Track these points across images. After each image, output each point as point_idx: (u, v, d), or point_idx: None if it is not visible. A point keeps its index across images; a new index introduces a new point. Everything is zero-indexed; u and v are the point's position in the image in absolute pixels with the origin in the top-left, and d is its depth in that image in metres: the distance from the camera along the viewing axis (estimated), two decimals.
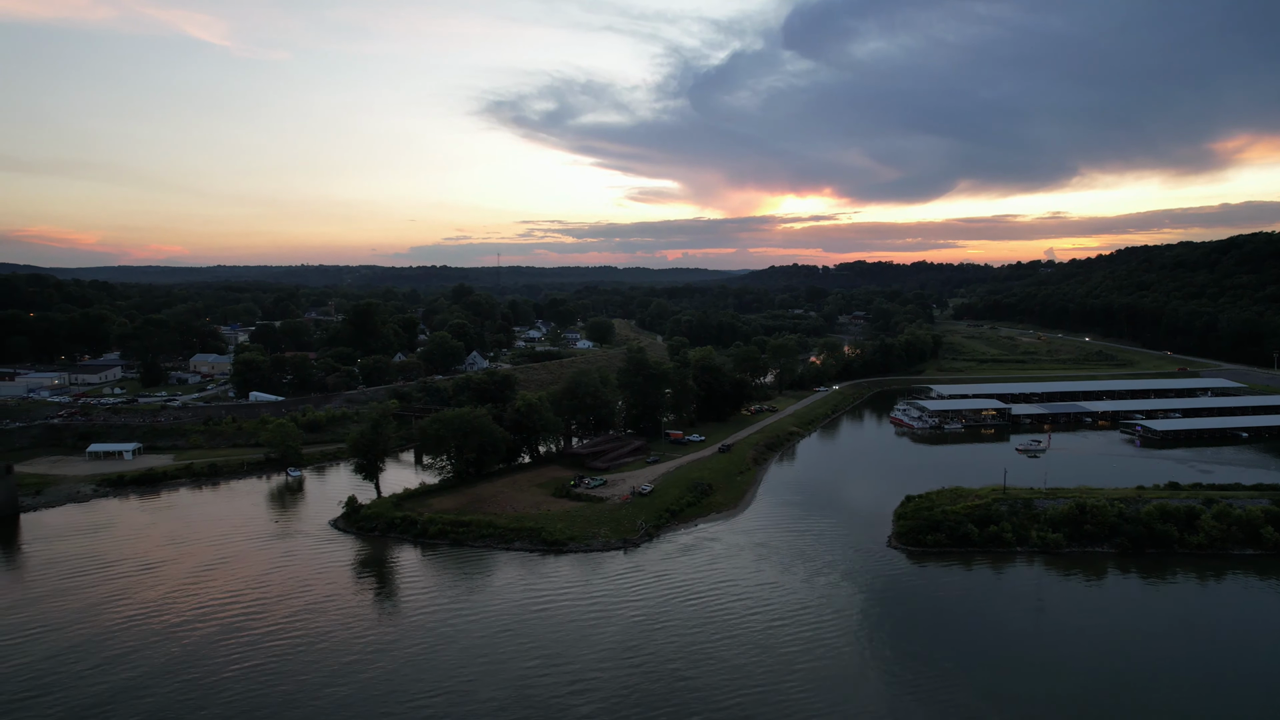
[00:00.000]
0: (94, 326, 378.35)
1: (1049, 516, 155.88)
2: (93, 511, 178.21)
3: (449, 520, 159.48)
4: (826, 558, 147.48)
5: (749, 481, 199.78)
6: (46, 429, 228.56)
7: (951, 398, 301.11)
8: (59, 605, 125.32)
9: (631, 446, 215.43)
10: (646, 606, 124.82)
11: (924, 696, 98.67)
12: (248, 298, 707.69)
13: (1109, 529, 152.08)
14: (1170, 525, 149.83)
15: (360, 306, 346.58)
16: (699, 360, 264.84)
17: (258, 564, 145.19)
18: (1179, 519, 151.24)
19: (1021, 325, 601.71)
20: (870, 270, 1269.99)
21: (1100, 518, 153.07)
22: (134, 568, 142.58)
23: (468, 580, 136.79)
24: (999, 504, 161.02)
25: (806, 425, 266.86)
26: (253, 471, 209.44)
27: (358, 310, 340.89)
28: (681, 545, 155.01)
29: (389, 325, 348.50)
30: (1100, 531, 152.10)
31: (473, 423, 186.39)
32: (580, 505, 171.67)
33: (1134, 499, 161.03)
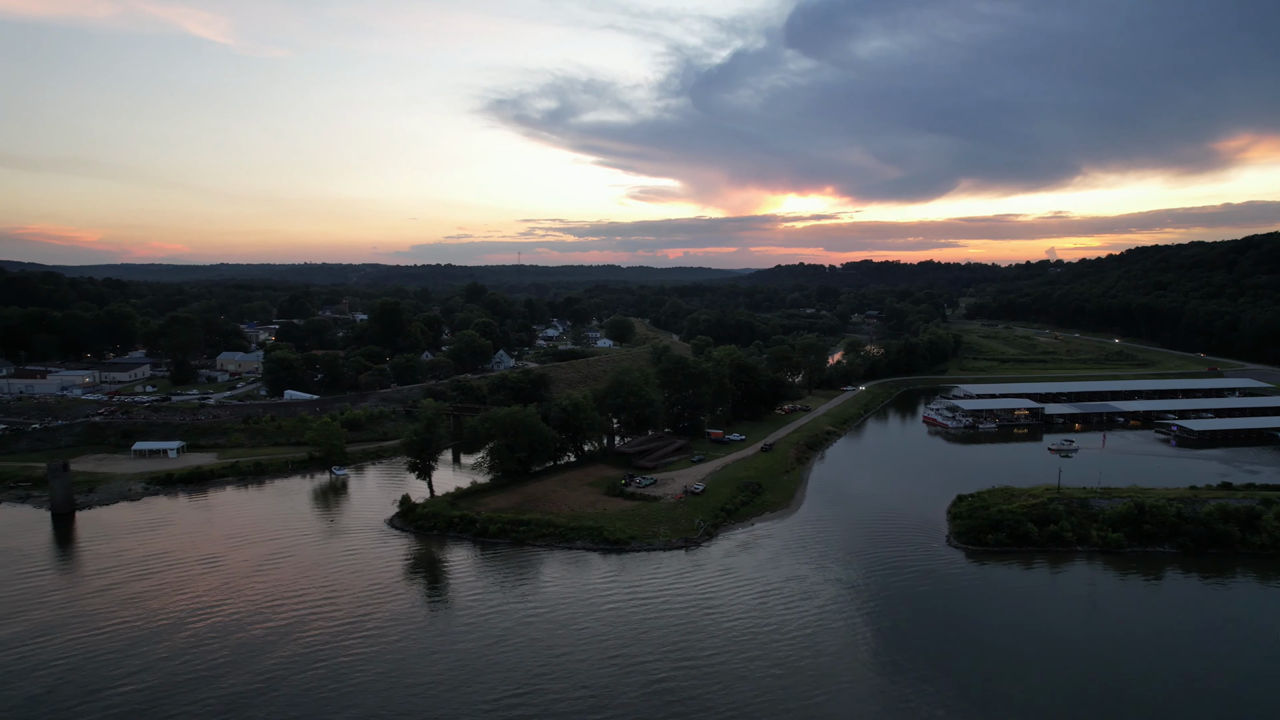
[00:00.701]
0: (118, 324, 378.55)
1: (1107, 516, 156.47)
2: (147, 509, 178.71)
3: (507, 519, 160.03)
4: (889, 557, 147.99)
5: (795, 481, 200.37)
6: (88, 427, 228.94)
7: (981, 397, 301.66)
8: (142, 596, 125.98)
9: (675, 445, 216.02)
10: (741, 602, 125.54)
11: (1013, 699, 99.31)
12: (259, 295, 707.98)
13: (1169, 529, 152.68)
14: (1232, 525, 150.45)
15: (387, 305, 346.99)
16: (734, 360, 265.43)
17: (322, 561, 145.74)
18: (1240, 519, 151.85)
19: (1037, 325, 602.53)
20: (877, 269, 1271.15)
21: (1160, 517, 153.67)
22: (198, 562, 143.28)
23: (548, 578, 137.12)
24: (1054, 503, 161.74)
25: (841, 425, 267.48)
26: (297, 470, 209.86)
27: (384, 309, 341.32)
28: (740, 544, 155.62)
29: (414, 324, 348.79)
30: (1160, 531, 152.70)
31: (523, 421, 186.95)
32: (635, 504, 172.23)
33: (1191, 499, 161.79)
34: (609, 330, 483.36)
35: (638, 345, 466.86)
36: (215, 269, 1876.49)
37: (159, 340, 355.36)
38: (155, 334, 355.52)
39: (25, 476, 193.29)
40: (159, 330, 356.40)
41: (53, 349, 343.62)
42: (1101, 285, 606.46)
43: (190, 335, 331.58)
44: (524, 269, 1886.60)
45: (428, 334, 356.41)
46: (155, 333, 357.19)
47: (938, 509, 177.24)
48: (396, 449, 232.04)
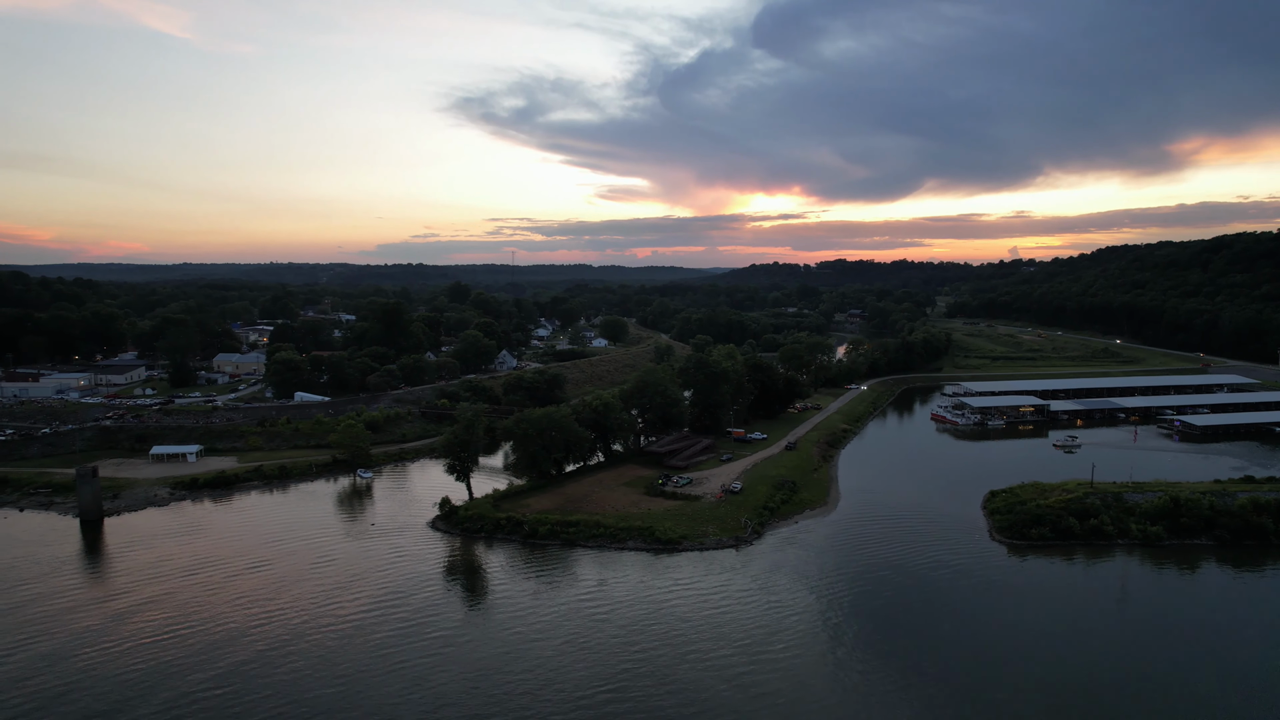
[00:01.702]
0: (106, 325, 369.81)
1: (1144, 510, 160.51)
2: (177, 515, 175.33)
3: (555, 520, 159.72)
4: (938, 553, 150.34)
5: (826, 479, 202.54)
6: (100, 431, 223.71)
7: (986, 394, 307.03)
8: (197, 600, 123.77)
9: (703, 445, 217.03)
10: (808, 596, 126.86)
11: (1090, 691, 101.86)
12: (235, 296, 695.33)
13: (1205, 522, 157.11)
14: (1265, 518, 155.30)
15: (388, 306, 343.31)
16: (750, 359, 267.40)
17: (371, 563, 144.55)
18: (1272, 511, 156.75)
19: (1018, 323, 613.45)
20: (851, 268, 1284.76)
21: (1195, 511, 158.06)
22: (246, 567, 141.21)
23: (609, 579, 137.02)
24: (1090, 498, 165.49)
25: (854, 422, 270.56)
26: (321, 473, 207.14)
27: (386, 310, 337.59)
28: (788, 542, 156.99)
29: (415, 324, 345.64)
30: (1196, 525, 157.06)
31: (559, 422, 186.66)
32: (677, 504, 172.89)
33: (1220, 492, 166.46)
34: (603, 330, 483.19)
35: (632, 345, 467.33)
36: (179, 269, 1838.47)
37: (152, 342, 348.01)
38: (148, 335, 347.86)
39: (44, 483, 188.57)
40: (151, 331, 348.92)
41: (40, 351, 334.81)
42: (1080, 284, 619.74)
43: (188, 336, 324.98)
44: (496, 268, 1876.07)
45: (429, 335, 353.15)
46: (148, 334, 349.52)
47: (969, 504, 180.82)
48: (419, 451, 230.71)
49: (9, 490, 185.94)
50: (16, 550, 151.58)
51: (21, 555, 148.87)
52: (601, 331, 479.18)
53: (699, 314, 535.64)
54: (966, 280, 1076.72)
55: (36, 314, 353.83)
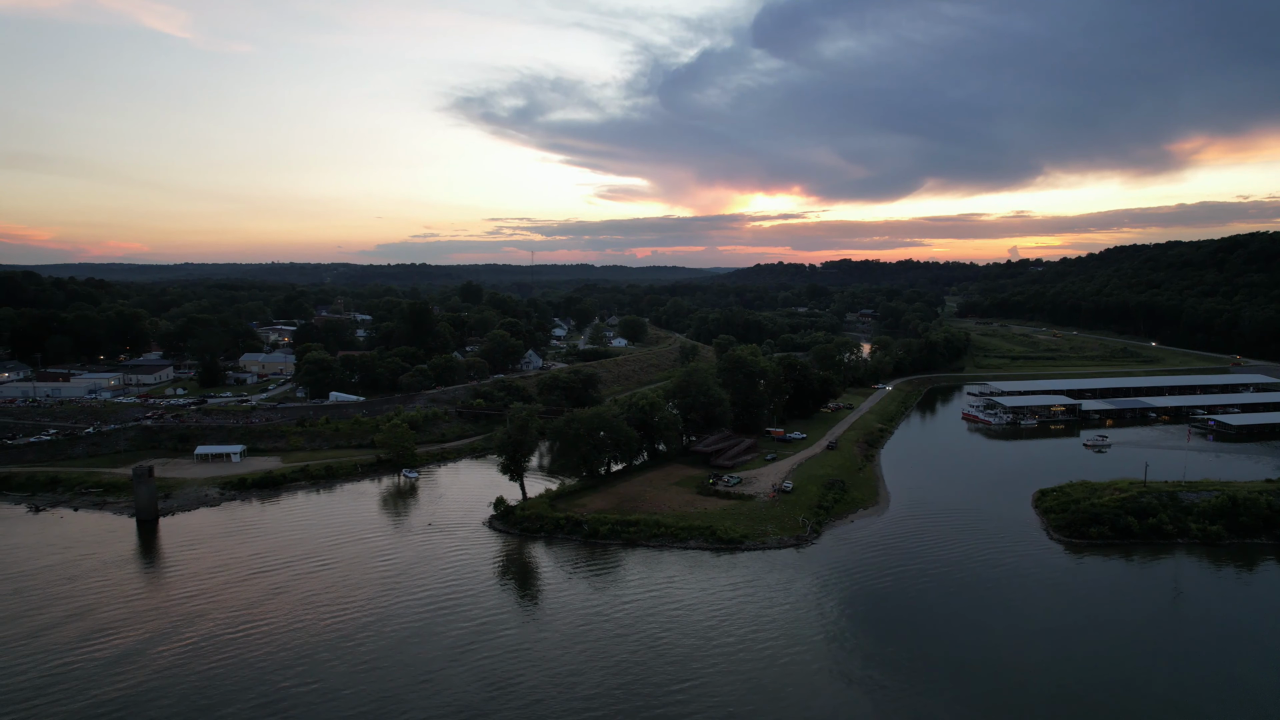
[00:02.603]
0: (129, 325, 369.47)
1: (1201, 509, 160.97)
2: (229, 514, 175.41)
3: (615, 520, 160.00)
4: (997, 551, 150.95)
5: (872, 478, 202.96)
6: (141, 430, 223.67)
7: (1015, 394, 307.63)
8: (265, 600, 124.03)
9: (745, 444, 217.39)
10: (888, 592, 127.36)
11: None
12: (245, 296, 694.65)
13: (1264, 521, 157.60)
14: None
15: (416, 306, 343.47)
16: (786, 359, 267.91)
17: (434, 562, 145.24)
18: None
19: (1032, 323, 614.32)
20: (856, 268, 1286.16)
21: (1253, 510, 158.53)
22: (309, 567, 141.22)
23: (677, 578, 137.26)
24: (1144, 497, 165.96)
25: (889, 422, 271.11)
26: (366, 473, 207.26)
27: (413, 310, 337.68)
28: (846, 541, 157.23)
29: (442, 324, 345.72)
30: (1255, 523, 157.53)
31: (610, 422, 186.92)
32: (731, 503, 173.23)
33: (1276, 491, 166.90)
34: (622, 329, 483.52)
35: (651, 344, 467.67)
36: (180, 269, 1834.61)
37: (177, 341, 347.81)
38: (173, 335, 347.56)
39: (94, 482, 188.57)
40: (177, 331, 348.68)
41: (66, 351, 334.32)
42: (1094, 284, 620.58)
43: (217, 336, 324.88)
44: (499, 268, 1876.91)
45: (455, 335, 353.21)
46: (173, 334, 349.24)
47: (1017, 503, 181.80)
48: (459, 450, 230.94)
49: (60, 490, 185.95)
50: (79, 550, 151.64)
51: (83, 555, 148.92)
52: (620, 331, 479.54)
53: (715, 314, 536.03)
54: (973, 280, 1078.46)
55: (61, 314, 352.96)
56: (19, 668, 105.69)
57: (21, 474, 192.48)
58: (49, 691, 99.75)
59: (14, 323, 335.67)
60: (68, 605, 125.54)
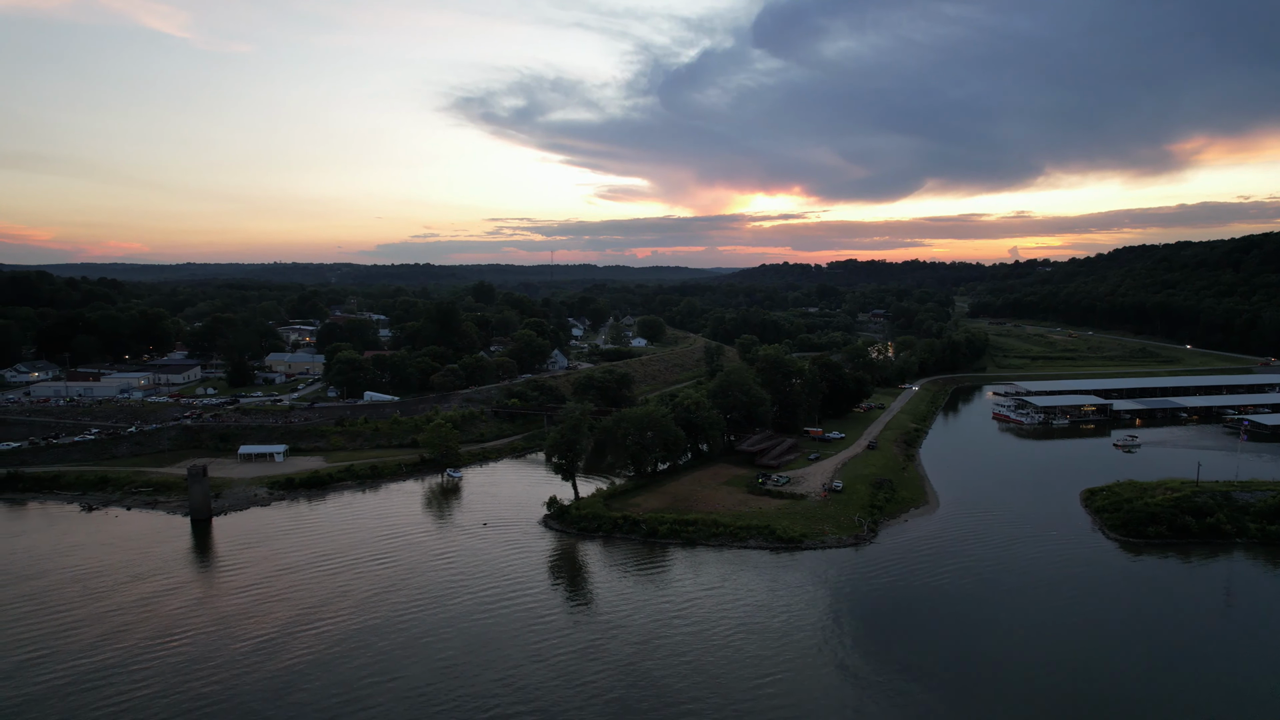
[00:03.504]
0: (153, 325, 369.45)
1: (1258, 509, 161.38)
2: (280, 514, 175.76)
3: (673, 519, 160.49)
4: (1056, 549, 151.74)
5: (917, 477, 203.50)
6: (182, 430, 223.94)
7: (1044, 394, 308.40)
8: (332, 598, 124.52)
9: (788, 444, 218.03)
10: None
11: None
12: (255, 296, 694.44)
13: None
14: None
15: (442, 307, 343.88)
16: (820, 359, 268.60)
17: (493, 560, 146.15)
18: None
19: (1045, 323, 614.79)
20: (862, 269, 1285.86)
21: None
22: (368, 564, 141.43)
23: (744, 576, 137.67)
24: (1198, 496, 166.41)
25: (922, 421, 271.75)
26: (411, 473, 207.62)
27: (440, 310, 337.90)
28: (904, 541, 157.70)
29: (468, 324, 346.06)
30: None
31: (660, 421, 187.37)
32: (784, 502, 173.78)
33: None
34: (640, 329, 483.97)
35: (670, 344, 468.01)
36: (182, 269, 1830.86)
37: (202, 341, 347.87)
38: (199, 335, 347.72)
39: (143, 482, 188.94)
40: (203, 331, 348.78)
41: (92, 350, 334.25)
42: (1107, 284, 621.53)
43: (247, 336, 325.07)
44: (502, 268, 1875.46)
45: (480, 334, 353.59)
46: (200, 334, 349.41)
47: (1064, 502, 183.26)
48: (500, 450, 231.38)
49: (110, 489, 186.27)
50: (139, 548, 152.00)
51: (144, 553, 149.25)
52: (639, 331, 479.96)
53: (732, 314, 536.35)
54: (979, 280, 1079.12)
55: (86, 314, 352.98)
56: (109, 663, 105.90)
57: (70, 473, 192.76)
58: (142, 685, 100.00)
59: (38, 322, 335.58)
60: (138, 604, 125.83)
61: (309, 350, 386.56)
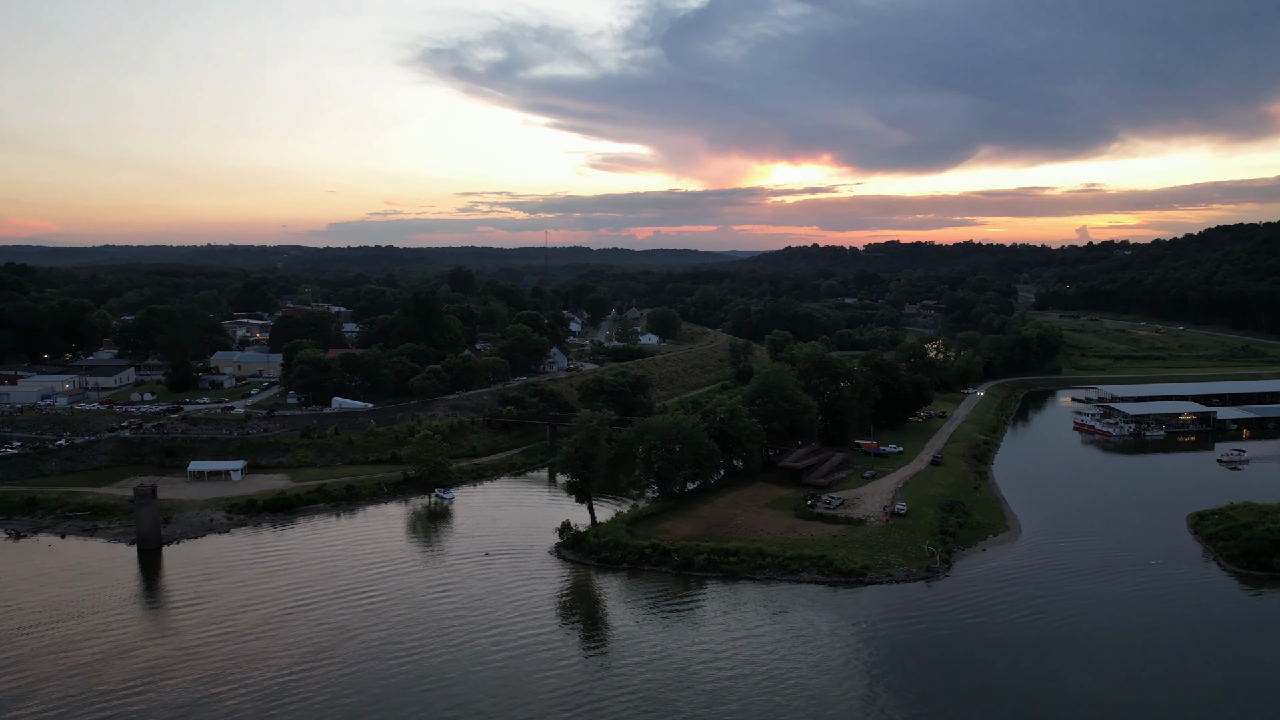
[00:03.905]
0: (75, 318, 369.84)
1: None
2: (242, 542, 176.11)
3: (710, 549, 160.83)
4: (1166, 585, 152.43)
5: (991, 499, 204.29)
6: (119, 443, 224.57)
7: (1129, 400, 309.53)
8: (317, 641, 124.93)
9: (837, 459, 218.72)
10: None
11: None
12: (191, 285, 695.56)
13: None
14: None
15: (421, 297, 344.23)
16: (870, 358, 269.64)
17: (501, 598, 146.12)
18: None
19: (1127, 317, 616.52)
20: (905, 252, 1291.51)
21: None
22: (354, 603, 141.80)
23: (809, 618, 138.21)
24: None
25: (992, 433, 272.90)
26: (393, 493, 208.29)
27: (419, 301, 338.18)
28: (983, 573, 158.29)
29: (449, 318, 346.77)
30: None
31: (689, 433, 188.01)
32: (840, 528, 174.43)
33: None
34: (650, 324, 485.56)
35: (685, 341, 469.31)
36: (99, 252, 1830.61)
37: (135, 338, 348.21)
38: (133, 331, 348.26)
39: (77, 504, 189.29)
40: (136, 326, 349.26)
41: (6, 349, 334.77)
42: (1200, 271, 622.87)
43: (190, 333, 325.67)
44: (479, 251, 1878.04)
45: (465, 330, 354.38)
46: (132, 329, 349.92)
47: (1166, 527, 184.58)
48: (496, 466, 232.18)
49: (40, 512, 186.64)
50: (81, 583, 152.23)
51: (88, 590, 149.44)
52: (649, 325, 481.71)
53: (758, 306, 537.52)
54: (1046, 266, 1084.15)
55: (1, 305, 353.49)
56: None
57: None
58: None
59: None
60: (93, 644, 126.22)
61: (260, 348, 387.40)
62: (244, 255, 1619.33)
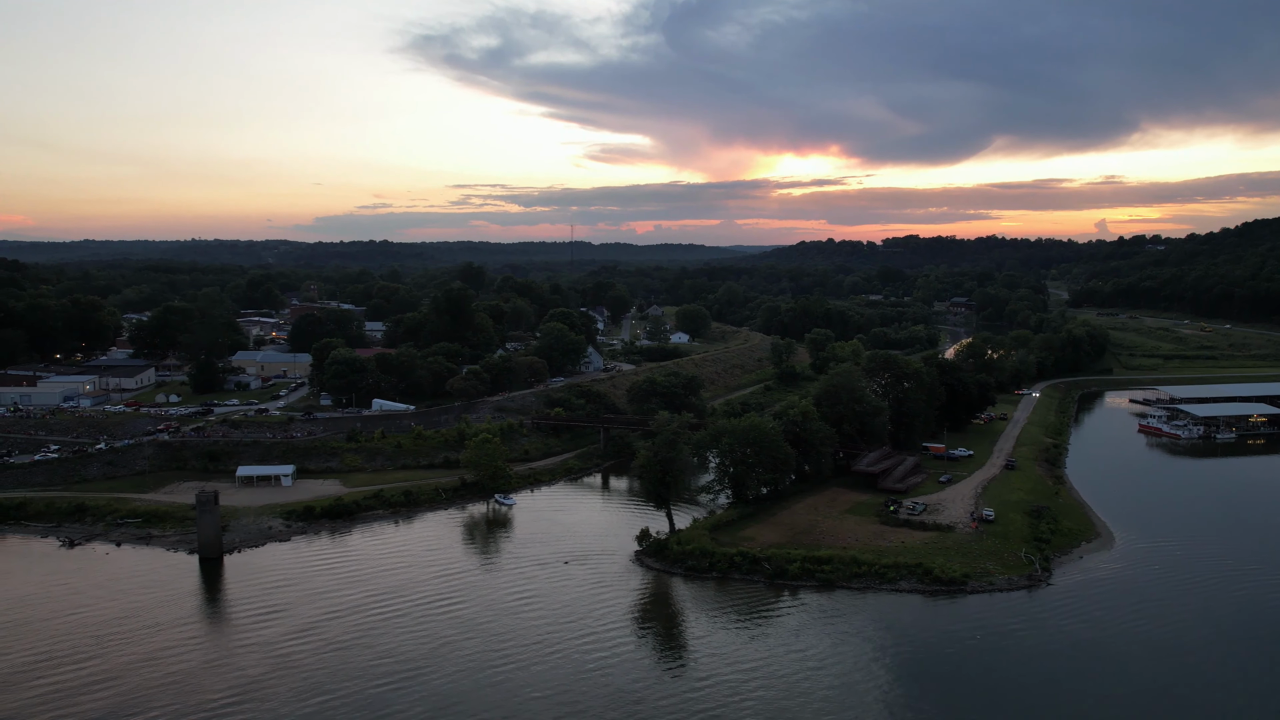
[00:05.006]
0: (86, 317, 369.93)
1: None
2: (306, 550, 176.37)
3: (802, 556, 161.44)
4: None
5: (1074, 504, 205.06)
6: (159, 447, 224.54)
7: (1188, 401, 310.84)
8: (405, 648, 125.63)
9: (910, 463, 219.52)
10: None
11: None
12: (185, 282, 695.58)
13: None
14: None
15: (452, 295, 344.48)
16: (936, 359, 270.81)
17: (593, 608, 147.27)
18: None
19: (1169, 314, 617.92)
20: (925, 247, 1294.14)
21: None
22: (452, 610, 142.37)
23: (926, 629, 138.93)
24: None
25: (1056, 435, 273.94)
26: (451, 499, 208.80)
27: (450, 299, 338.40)
28: (1087, 582, 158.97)
29: (480, 315, 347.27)
30: None
31: (767, 436, 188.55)
32: (930, 535, 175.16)
33: None
34: (680, 322, 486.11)
35: (715, 340, 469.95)
36: (79, 247, 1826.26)
37: (154, 337, 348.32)
38: (149, 329, 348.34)
39: (127, 511, 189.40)
40: (153, 325, 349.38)
41: (18, 347, 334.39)
42: (1245, 267, 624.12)
43: (214, 332, 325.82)
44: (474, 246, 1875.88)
45: (496, 328, 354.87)
46: (148, 328, 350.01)
47: (1267, 534, 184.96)
48: (552, 471, 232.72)
49: (90, 519, 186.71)
50: (148, 594, 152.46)
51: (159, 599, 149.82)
52: (679, 324, 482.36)
53: (788, 303, 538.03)
54: (1073, 261, 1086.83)
55: (11, 302, 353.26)
56: None
57: (37, 500, 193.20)
58: None
59: None
60: (183, 656, 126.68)
61: (278, 348, 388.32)
62: (231, 251, 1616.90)
